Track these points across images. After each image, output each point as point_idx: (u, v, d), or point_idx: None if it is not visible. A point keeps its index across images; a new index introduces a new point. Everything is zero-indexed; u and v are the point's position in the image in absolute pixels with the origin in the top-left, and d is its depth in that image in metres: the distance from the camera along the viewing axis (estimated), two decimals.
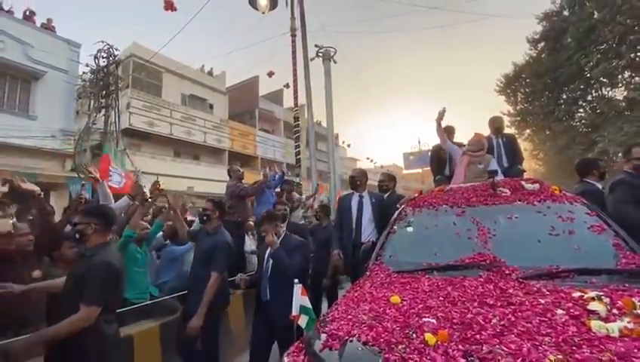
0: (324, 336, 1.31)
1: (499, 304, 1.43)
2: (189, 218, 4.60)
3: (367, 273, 2.09)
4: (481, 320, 1.30)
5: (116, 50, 11.43)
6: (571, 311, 1.31)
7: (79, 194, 4.17)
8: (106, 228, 2.06)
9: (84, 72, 11.75)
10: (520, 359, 1.05)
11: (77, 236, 2.01)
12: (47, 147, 10.51)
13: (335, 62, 8.77)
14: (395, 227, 2.52)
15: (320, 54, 8.69)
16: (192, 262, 3.00)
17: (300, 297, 1.27)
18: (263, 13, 7.19)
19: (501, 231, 2.17)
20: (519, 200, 2.45)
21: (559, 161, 18.66)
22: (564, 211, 2.20)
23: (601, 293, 1.39)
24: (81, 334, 1.72)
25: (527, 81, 18.98)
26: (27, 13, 11.31)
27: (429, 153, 5.05)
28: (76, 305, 1.79)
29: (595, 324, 1.19)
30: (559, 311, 1.32)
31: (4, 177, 2.93)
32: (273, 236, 2.62)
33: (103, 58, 10.99)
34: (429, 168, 5.14)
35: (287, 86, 9.05)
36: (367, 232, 3.37)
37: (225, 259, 2.80)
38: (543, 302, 1.41)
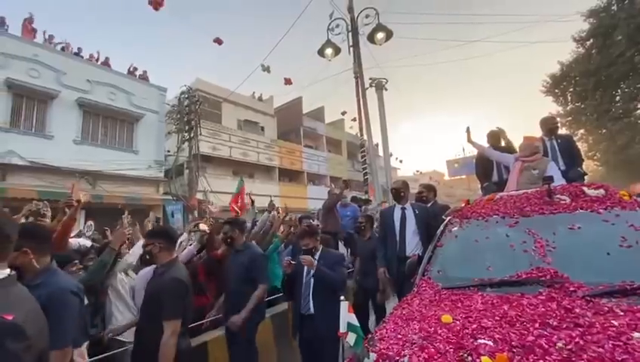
0: (373, 356, 1.25)
1: (564, 325, 1.27)
2: None
3: (415, 289, 1.97)
4: (544, 344, 1.16)
5: (190, 88, 13.64)
6: None
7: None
8: (171, 246, 2.15)
9: (170, 111, 13.93)
10: None
11: (147, 257, 2.14)
12: (146, 175, 12.45)
13: (386, 89, 9.56)
14: (442, 240, 2.34)
15: (373, 85, 9.53)
16: (229, 283, 2.85)
17: (347, 314, 1.24)
18: (329, 60, 8.17)
19: (562, 243, 1.92)
20: (581, 208, 2.19)
21: (618, 161, 16.90)
22: (636, 219, 1.92)
23: None
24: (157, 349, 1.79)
25: (577, 79, 17.42)
26: (131, 69, 13.56)
27: (474, 159, 4.71)
28: (150, 318, 1.92)
29: None
30: (636, 335, 1.14)
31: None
32: (311, 259, 2.51)
33: (186, 98, 13.34)
34: (474, 174, 4.84)
35: (354, 119, 10.07)
36: (412, 245, 3.17)
37: (265, 270, 2.84)
38: (616, 323, 1.23)
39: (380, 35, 7.75)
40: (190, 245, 3.53)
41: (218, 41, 9.84)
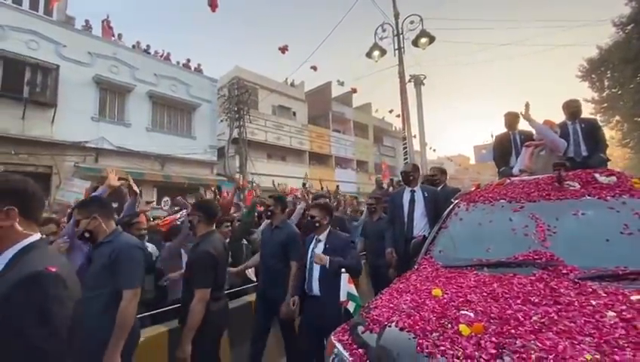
0: (367, 321, 1.35)
1: (544, 302, 1.31)
2: None
3: (416, 266, 1.99)
4: (520, 317, 1.22)
5: (239, 79, 14.70)
6: (624, 313, 1.15)
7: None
8: (209, 220, 2.23)
9: (223, 101, 14.80)
10: (553, 355, 0.99)
11: (189, 225, 2.35)
12: (204, 159, 13.60)
13: (424, 84, 10.42)
14: (447, 222, 2.31)
15: (412, 80, 10.28)
16: (264, 256, 2.88)
17: (347, 285, 1.38)
18: (376, 61, 8.58)
19: (563, 228, 1.89)
20: (589, 195, 2.13)
21: None
22: None
23: None
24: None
25: (615, 65, 15.58)
26: (187, 61, 14.40)
27: (493, 145, 4.49)
28: (188, 283, 2.09)
29: None
30: (610, 314, 1.17)
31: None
32: (323, 257, 2.36)
33: (235, 89, 14.31)
34: None
35: (398, 116, 10.66)
36: (420, 226, 3.11)
37: (300, 249, 2.75)
38: (594, 303, 1.26)
39: (424, 40, 8.03)
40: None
41: (283, 50, 10.43)
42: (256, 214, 4.37)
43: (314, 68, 10.97)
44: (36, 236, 1.06)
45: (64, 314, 0.99)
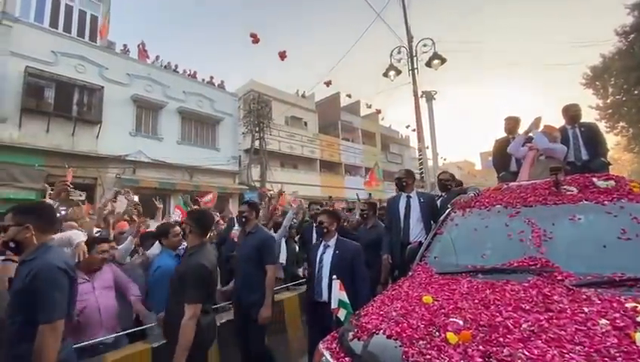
0: (355, 328, 1.29)
1: (535, 309, 1.21)
2: None
3: (410, 273, 1.87)
4: (510, 324, 1.13)
5: (259, 94, 15.06)
6: (617, 321, 1.05)
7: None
8: (201, 232, 2.00)
9: (244, 114, 15.20)
10: None
11: (182, 233, 2.13)
12: (227, 169, 13.83)
13: (435, 99, 10.59)
14: (442, 227, 2.18)
15: (424, 96, 10.42)
16: (239, 262, 2.68)
17: (338, 292, 1.33)
18: (392, 80, 8.90)
19: (560, 233, 1.76)
20: (586, 200, 1.99)
21: None
22: None
23: None
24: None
25: (618, 72, 14.97)
26: (211, 79, 14.88)
27: (492, 150, 4.28)
28: (176, 295, 1.83)
29: (639, 337, 0.96)
30: (602, 321, 1.06)
31: None
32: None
33: (256, 103, 14.74)
34: None
35: (413, 130, 10.86)
36: (416, 232, 2.94)
37: (274, 252, 2.64)
38: (587, 310, 1.16)
39: (436, 62, 8.24)
40: None
41: (327, 83, 10.73)
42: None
43: (327, 83, 11.18)
44: None
45: None
